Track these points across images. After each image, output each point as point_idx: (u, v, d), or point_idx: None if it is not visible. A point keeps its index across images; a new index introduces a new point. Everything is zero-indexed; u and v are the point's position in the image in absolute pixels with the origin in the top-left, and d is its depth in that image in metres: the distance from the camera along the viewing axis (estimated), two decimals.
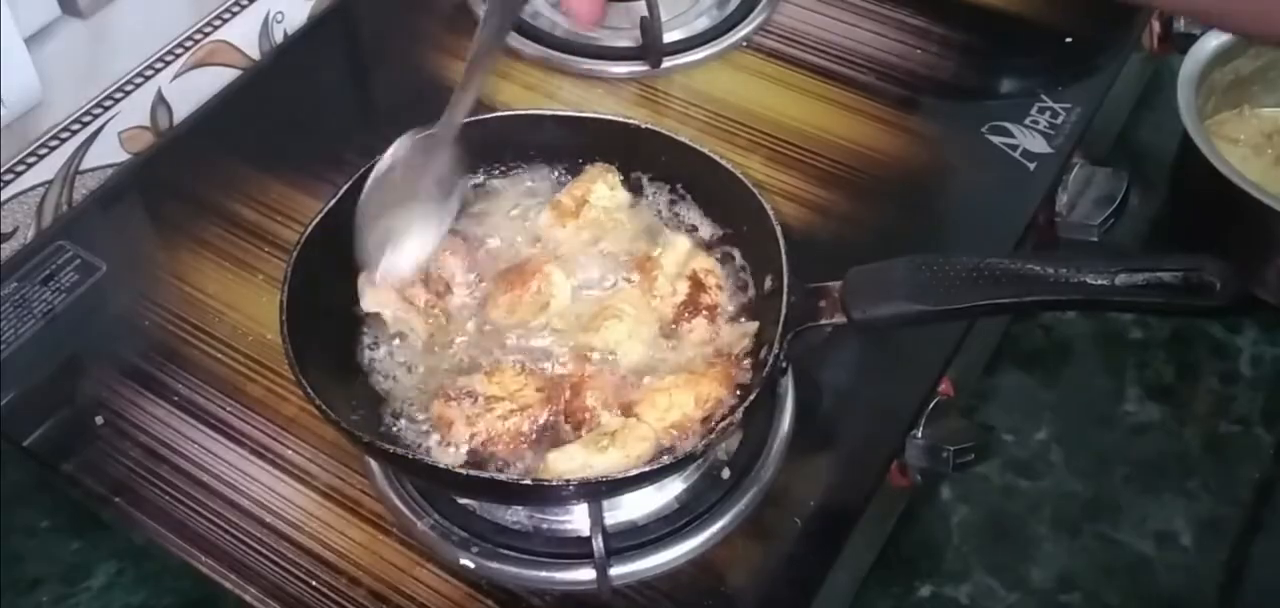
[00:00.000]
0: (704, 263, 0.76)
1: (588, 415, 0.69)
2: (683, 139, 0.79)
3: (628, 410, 0.69)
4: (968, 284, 0.67)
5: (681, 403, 0.69)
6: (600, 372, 0.72)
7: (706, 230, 0.79)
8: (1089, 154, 0.93)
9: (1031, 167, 0.90)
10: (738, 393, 0.69)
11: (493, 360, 0.73)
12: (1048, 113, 0.93)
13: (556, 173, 0.82)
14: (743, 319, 0.75)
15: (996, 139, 0.92)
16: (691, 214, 0.80)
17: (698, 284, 0.75)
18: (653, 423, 0.68)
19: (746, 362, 0.71)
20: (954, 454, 0.74)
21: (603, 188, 0.79)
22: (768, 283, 0.73)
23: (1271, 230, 0.86)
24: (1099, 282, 0.66)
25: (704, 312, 0.74)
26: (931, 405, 0.76)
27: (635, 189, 0.81)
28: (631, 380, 0.71)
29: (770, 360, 0.68)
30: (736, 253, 0.77)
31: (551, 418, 0.70)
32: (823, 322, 0.69)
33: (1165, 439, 0.82)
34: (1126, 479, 0.80)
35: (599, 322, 0.74)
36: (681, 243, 0.77)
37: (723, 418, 0.67)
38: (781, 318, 0.69)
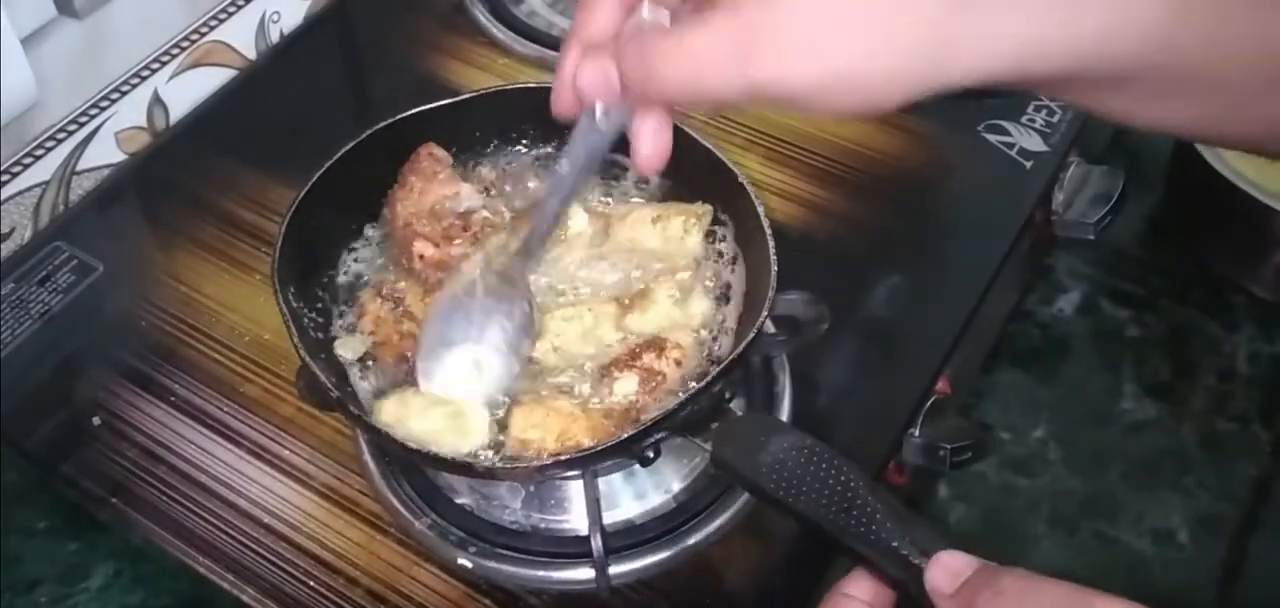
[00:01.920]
0: (683, 338, 0.69)
1: None
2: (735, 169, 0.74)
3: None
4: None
5: (545, 428, 0.65)
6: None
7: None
8: (1085, 152, 0.93)
9: (1028, 165, 0.90)
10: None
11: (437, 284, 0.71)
12: (1044, 111, 0.93)
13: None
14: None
15: (993, 137, 0.92)
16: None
17: (657, 347, 0.69)
18: (515, 427, 0.66)
19: (628, 428, 0.65)
20: (951, 452, 0.73)
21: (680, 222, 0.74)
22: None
23: (1267, 227, 0.86)
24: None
25: (640, 371, 0.68)
26: (929, 404, 0.76)
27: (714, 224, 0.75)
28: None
29: (631, 433, 0.63)
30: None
31: None
32: (702, 442, 0.63)
33: (1162, 437, 0.82)
34: (1124, 477, 0.80)
35: (561, 313, 0.71)
36: (697, 308, 0.71)
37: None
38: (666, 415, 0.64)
